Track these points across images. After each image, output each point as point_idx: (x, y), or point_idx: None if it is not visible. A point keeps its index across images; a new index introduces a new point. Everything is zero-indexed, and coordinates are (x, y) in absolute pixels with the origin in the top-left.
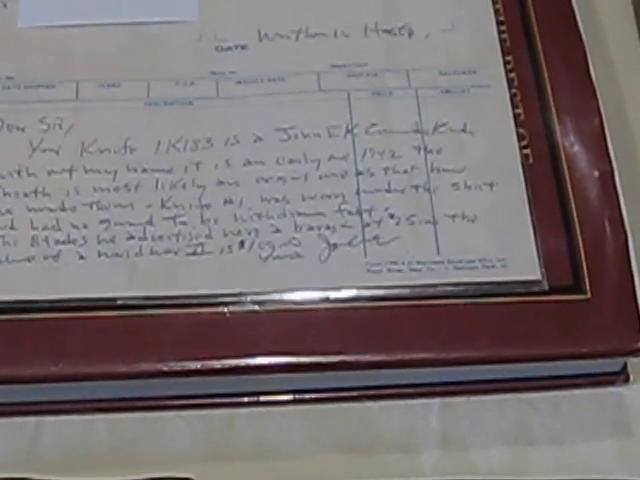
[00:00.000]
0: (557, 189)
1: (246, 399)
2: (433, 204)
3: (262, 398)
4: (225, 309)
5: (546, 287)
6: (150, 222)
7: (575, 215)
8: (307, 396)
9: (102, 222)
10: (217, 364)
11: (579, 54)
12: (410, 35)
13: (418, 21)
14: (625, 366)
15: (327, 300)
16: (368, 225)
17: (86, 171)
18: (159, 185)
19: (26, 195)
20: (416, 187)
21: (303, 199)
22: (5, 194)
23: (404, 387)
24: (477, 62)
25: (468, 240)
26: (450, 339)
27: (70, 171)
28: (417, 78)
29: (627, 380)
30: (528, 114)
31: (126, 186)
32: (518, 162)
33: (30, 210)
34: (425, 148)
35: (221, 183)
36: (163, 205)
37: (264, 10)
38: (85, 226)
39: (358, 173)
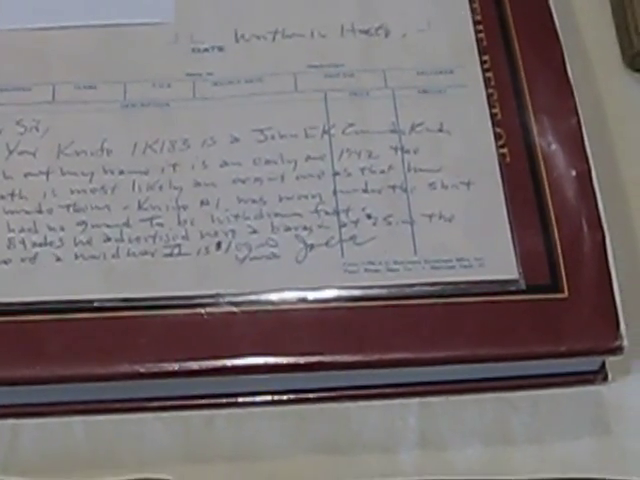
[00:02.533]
0: (534, 188)
1: (224, 400)
2: (410, 204)
3: (240, 399)
4: (202, 310)
5: (523, 286)
6: (127, 224)
7: (552, 214)
8: (286, 397)
9: (79, 224)
10: (195, 365)
11: (556, 53)
12: (387, 35)
13: (394, 21)
14: (603, 365)
15: (304, 301)
16: (345, 225)
17: (63, 173)
18: (136, 187)
19: (2, 197)
20: (393, 187)
21: (280, 200)
22: None
23: (383, 387)
24: (454, 62)
25: (445, 240)
26: (428, 339)
27: (47, 173)
28: (394, 78)
29: (606, 379)
30: (505, 114)
31: (103, 188)
32: (495, 161)
33: (7, 212)
34: (402, 148)
35: (198, 184)
36: (140, 207)
37: (240, 11)
38: (62, 228)
39: (335, 173)
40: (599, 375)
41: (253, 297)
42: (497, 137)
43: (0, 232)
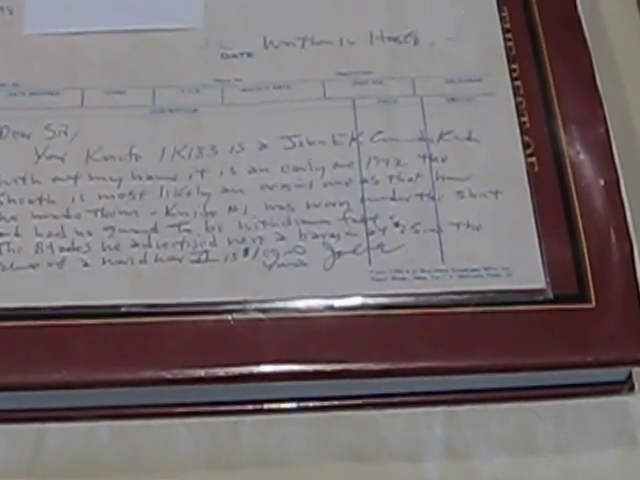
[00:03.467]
0: (562, 197)
1: (250, 407)
2: (438, 212)
3: (266, 406)
4: (229, 317)
5: (551, 296)
6: (154, 229)
7: (580, 224)
8: (311, 404)
9: (106, 229)
10: (221, 372)
11: (585, 62)
12: (416, 43)
13: (424, 29)
14: (630, 375)
15: (331, 308)
16: (373, 233)
17: (91, 178)
18: (164, 192)
19: (31, 202)
20: (421, 195)
21: (308, 207)
22: (10, 201)
23: (408, 395)
24: (483, 70)
25: (473, 248)
26: (454, 348)
27: (75, 178)
28: (422, 86)
29: (632, 389)
30: (534, 122)
31: (131, 193)
32: (523, 170)
33: (35, 217)
34: (430, 156)
35: (226, 191)
36: (167, 212)
37: (270, 17)
38: (89, 233)
39: (363, 181)
40: (625, 385)
41: (280, 304)
42: (525, 146)
43: (28, 236)
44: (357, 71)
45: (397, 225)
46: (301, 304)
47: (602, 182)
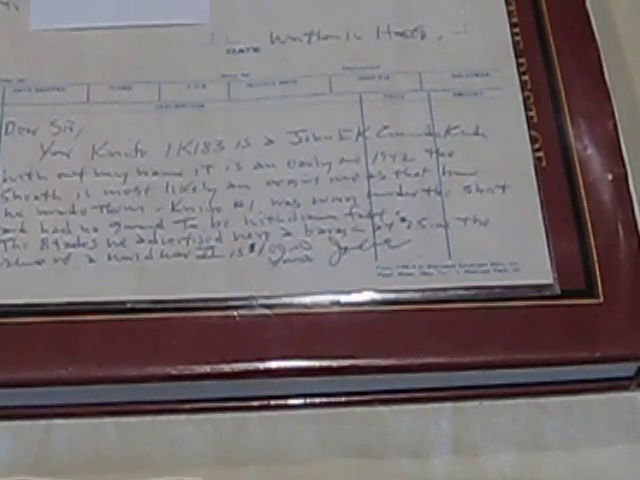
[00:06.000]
0: (570, 192)
1: (256, 403)
2: (445, 207)
3: (272, 402)
4: (235, 313)
5: (558, 291)
6: (160, 225)
7: (588, 219)
8: (318, 400)
9: (112, 225)
10: (227, 368)
11: (593, 56)
12: (422, 37)
13: (430, 23)
14: (638, 370)
15: (338, 304)
16: (379, 228)
17: (96, 174)
18: (169, 188)
19: (36, 198)
20: (428, 190)
21: (314, 202)
22: (15, 197)
23: (416, 391)
24: (490, 64)
25: (480, 244)
26: (462, 343)
27: (80, 174)
28: (429, 80)
29: None
30: (541, 117)
31: (136, 189)
32: (531, 165)
33: (40, 213)
34: (437, 151)
35: (232, 186)
36: (173, 208)
37: (276, 13)
38: (95, 229)
39: (369, 176)
40: (634, 381)
41: (286, 300)
42: (533, 140)
43: (33, 232)
44: (364, 66)
45: (404, 220)
46: (307, 300)
47: (610, 177)
